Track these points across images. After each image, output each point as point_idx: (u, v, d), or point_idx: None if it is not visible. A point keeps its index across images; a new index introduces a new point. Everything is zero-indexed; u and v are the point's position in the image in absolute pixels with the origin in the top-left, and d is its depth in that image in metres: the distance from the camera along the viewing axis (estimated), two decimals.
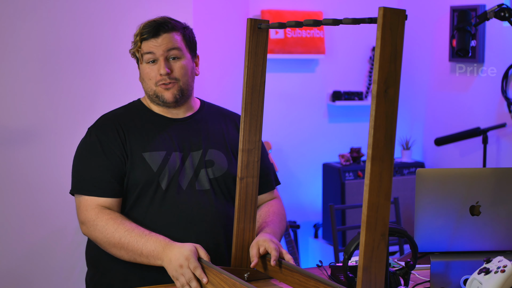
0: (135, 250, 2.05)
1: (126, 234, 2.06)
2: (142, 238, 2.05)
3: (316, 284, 1.77)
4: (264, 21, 1.89)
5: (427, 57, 4.59)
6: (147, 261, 2.05)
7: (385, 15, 1.40)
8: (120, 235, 2.06)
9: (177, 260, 1.96)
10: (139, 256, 2.05)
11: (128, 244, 2.05)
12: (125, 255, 2.08)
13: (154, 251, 2.03)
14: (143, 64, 2.19)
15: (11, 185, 2.98)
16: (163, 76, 2.16)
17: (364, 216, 1.44)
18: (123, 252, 2.07)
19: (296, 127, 4.61)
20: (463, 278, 1.87)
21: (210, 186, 2.19)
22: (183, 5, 3.20)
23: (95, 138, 2.18)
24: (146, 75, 2.19)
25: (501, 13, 2.56)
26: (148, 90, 2.21)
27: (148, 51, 2.16)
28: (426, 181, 1.89)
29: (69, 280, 3.08)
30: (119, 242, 2.06)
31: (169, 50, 2.16)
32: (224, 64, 4.21)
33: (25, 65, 2.97)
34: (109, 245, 2.09)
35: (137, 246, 2.05)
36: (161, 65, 2.16)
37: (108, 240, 2.08)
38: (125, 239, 2.06)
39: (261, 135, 1.99)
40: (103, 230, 2.09)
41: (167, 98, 2.19)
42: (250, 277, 2.04)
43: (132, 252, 2.06)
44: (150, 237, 2.05)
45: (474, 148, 4.22)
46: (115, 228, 2.07)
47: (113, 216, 2.10)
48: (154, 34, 2.16)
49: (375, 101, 1.41)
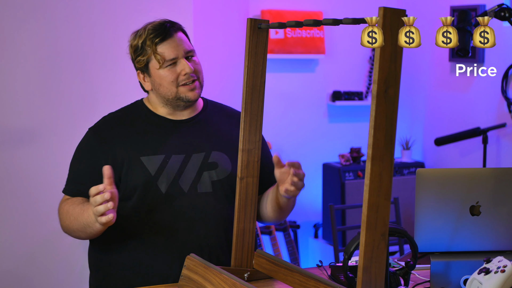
0: (80, 225, 2.02)
1: (73, 212, 2.06)
2: (81, 211, 2.02)
3: (316, 284, 1.77)
4: (264, 21, 1.89)
5: (427, 57, 4.59)
6: (95, 230, 1.99)
7: (385, 15, 1.40)
8: (69, 216, 2.06)
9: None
10: (85, 229, 2.01)
11: (77, 223, 2.03)
12: (82, 235, 2.05)
13: (89, 216, 1.97)
14: (161, 69, 2.12)
15: (11, 185, 2.98)
16: (187, 75, 2.13)
17: (364, 216, 1.44)
18: (78, 232, 2.05)
19: (296, 127, 4.61)
20: (463, 278, 1.87)
21: (212, 188, 2.18)
22: (183, 5, 3.20)
23: (88, 141, 2.18)
24: (165, 79, 2.13)
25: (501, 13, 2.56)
26: (167, 94, 2.15)
27: (171, 55, 2.11)
28: (426, 181, 1.89)
29: (69, 280, 3.08)
30: (70, 223, 2.06)
31: (187, 49, 2.14)
32: (224, 64, 4.21)
33: (25, 66, 2.97)
34: (70, 230, 2.09)
35: (79, 221, 2.02)
36: (186, 64, 2.12)
37: (66, 225, 2.09)
38: (73, 218, 2.05)
39: (261, 135, 1.99)
40: (62, 217, 2.11)
41: (192, 97, 2.15)
42: (250, 277, 2.04)
43: (81, 229, 2.03)
44: (85, 206, 2.01)
45: (474, 148, 4.22)
46: (67, 211, 2.08)
47: (74, 200, 2.10)
48: (168, 35, 2.12)
49: (375, 101, 1.41)
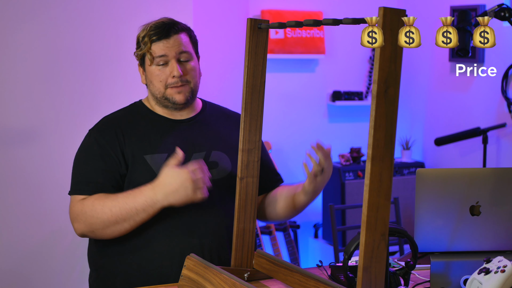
0: (131, 212, 2.02)
1: (114, 203, 2.04)
2: (129, 198, 2.03)
3: (316, 284, 1.77)
4: (264, 21, 1.89)
5: (427, 57, 4.59)
6: (149, 214, 2.02)
7: (385, 15, 1.40)
8: (109, 208, 2.04)
9: (178, 178, 2.00)
10: (138, 215, 2.02)
11: (121, 211, 2.03)
12: (126, 225, 2.05)
13: (146, 199, 2.00)
14: (152, 66, 2.16)
15: (11, 185, 2.98)
16: (175, 78, 2.15)
17: (364, 216, 1.44)
18: (122, 223, 2.04)
19: (296, 127, 4.61)
20: (463, 278, 1.87)
21: (213, 187, 2.18)
22: (183, 5, 3.20)
23: (93, 140, 2.17)
24: (155, 78, 2.16)
25: (501, 13, 2.56)
26: (156, 92, 2.18)
27: (161, 53, 2.14)
28: (426, 181, 1.89)
29: (69, 280, 3.08)
30: (111, 215, 2.04)
31: (181, 52, 2.15)
32: (224, 64, 4.21)
33: (26, 66, 2.97)
34: (106, 225, 2.05)
35: (130, 207, 2.02)
36: (174, 67, 2.14)
37: (102, 221, 2.05)
38: (115, 208, 2.03)
39: (261, 135, 1.99)
40: (93, 214, 2.06)
41: (178, 100, 2.17)
42: (250, 277, 2.04)
43: (129, 217, 2.03)
44: (135, 192, 2.03)
45: (474, 148, 4.22)
46: (102, 205, 2.05)
47: (95, 197, 2.09)
48: (165, 35, 2.14)
49: (375, 101, 1.41)
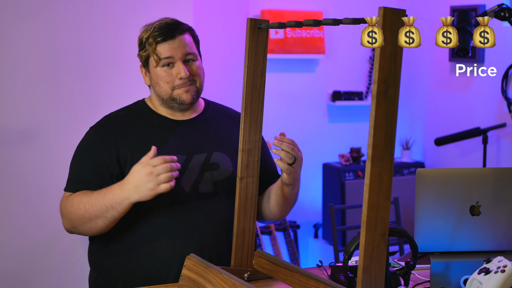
0: (101, 209, 2.03)
1: (88, 200, 2.05)
2: (100, 195, 2.03)
3: (316, 284, 1.77)
4: (264, 21, 1.89)
5: (427, 57, 4.59)
6: (118, 211, 2.02)
7: (385, 15, 1.40)
8: (83, 204, 2.05)
9: (139, 174, 1.98)
10: (108, 212, 2.03)
11: (92, 208, 2.04)
12: (100, 222, 2.05)
13: (114, 196, 2.01)
14: (158, 68, 2.15)
15: (11, 185, 2.98)
16: (183, 80, 2.14)
17: (364, 216, 1.44)
18: (95, 220, 2.05)
19: (296, 127, 4.60)
20: (463, 278, 1.87)
21: (214, 189, 2.18)
22: (183, 5, 3.20)
23: (89, 138, 2.18)
24: (161, 79, 2.15)
25: (501, 13, 2.56)
26: (162, 93, 2.17)
27: (167, 54, 2.13)
28: (426, 181, 1.89)
29: (69, 280, 3.08)
30: (85, 211, 2.05)
31: (187, 54, 2.15)
32: (224, 64, 4.21)
33: (26, 66, 2.97)
34: (83, 221, 2.07)
35: (100, 204, 2.03)
36: (181, 69, 2.13)
37: (79, 217, 2.07)
38: (88, 205, 2.05)
39: (261, 135, 1.99)
40: (72, 210, 2.08)
41: (186, 100, 2.17)
42: (250, 277, 2.04)
43: (100, 213, 2.03)
44: (106, 189, 2.03)
45: (474, 148, 4.22)
46: (79, 201, 2.07)
47: (77, 194, 2.10)
48: (170, 36, 2.13)
49: (375, 101, 1.41)
